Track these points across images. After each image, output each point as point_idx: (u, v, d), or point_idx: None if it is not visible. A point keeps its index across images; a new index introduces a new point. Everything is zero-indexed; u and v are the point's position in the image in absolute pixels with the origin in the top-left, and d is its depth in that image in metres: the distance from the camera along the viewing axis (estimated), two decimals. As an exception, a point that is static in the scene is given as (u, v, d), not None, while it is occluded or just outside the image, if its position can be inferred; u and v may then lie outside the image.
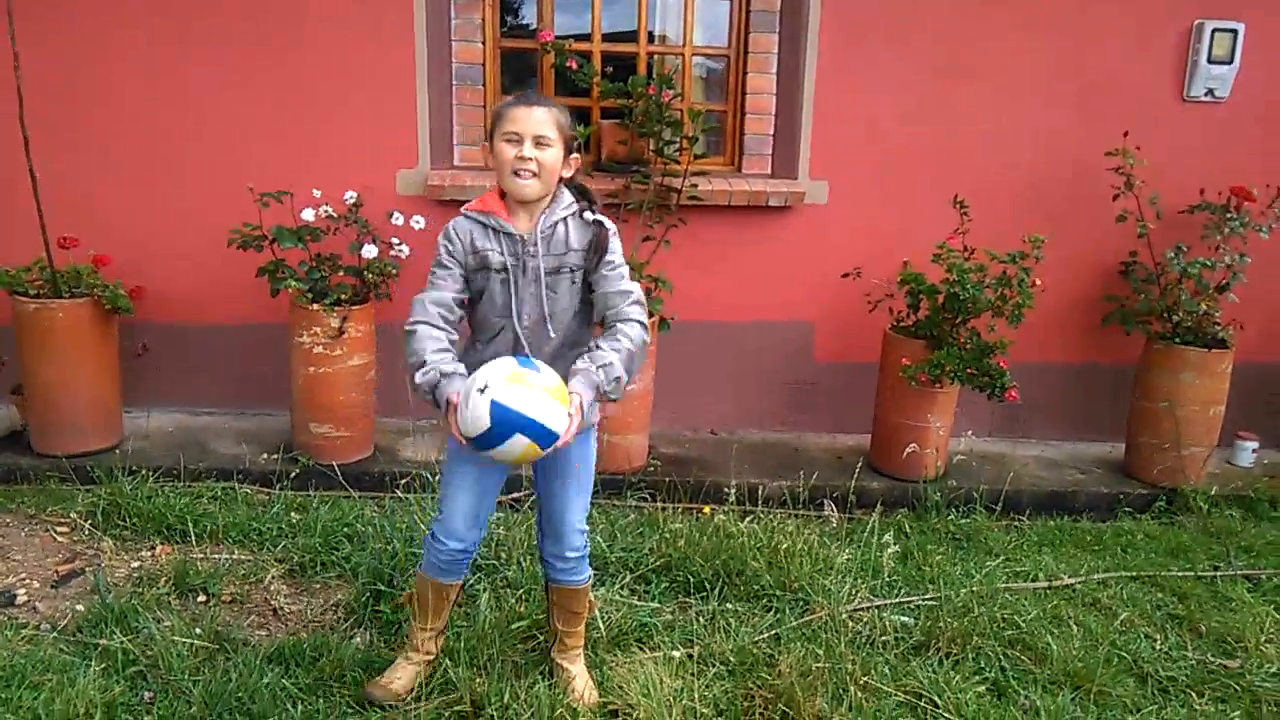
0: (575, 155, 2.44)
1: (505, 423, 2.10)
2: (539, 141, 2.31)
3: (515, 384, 2.12)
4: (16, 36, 3.85)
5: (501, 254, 2.37)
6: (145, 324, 4.42)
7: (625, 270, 2.43)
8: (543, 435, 2.14)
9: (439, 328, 2.36)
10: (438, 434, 4.49)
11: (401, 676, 2.60)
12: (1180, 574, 3.68)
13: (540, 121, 2.31)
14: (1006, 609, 3.19)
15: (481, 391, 2.12)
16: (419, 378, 2.30)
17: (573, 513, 2.54)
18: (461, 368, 2.31)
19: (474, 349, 2.49)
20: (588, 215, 2.42)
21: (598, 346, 2.35)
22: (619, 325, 2.36)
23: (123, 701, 2.43)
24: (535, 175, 2.33)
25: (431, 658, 2.65)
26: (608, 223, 2.43)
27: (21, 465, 4.03)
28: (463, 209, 2.46)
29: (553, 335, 2.40)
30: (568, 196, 2.44)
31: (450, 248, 2.40)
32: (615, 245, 2.42)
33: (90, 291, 4.07)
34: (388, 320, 4.34)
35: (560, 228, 2.40)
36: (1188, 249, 4.50)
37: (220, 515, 3.48)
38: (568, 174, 2.43)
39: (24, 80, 3.86)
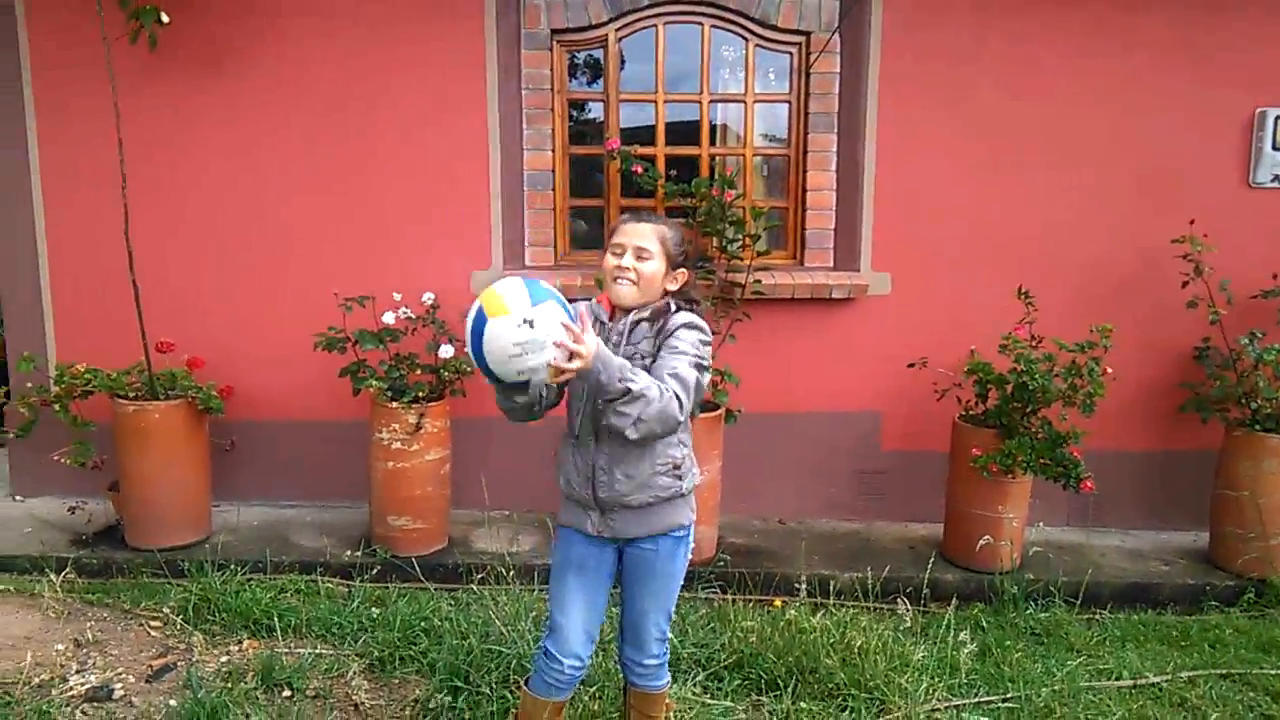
0: (682, 270, 2.50)
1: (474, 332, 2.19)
2: (640, 254, 2.44)
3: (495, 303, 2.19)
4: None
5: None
6: (232, 422, 4.62)
7: (686, 360, 2.38)
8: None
9: None
10: (509, 525, 4.58)
11: None
12: (1273, 671, 3.56)
13: (643, 235, 2.45)
14: (1090, 709, 3.13)
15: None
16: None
17: (655, 620, 2.57)
18: None
19: (563, 441, 2.59)
20: (673, 307, 2.47)
21: None
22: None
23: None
24: (633, 283, 2.44)
25: None
26: (686, 316, 2.46)
27: (117, 559, 4.21)
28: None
29: (635, 449, 2.42)
30: (672, 304, 2.49)
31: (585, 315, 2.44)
32: (684, 334, 2.41)
33: (185, 393, 4.29)
34: (462, 415, 4.50)
35: (645, 324, 2.45)
36: (1263, 334, 4.45)
37: (303, 609, 3.59)
38: (673, 287, 2.49)
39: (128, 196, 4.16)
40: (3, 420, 4.82)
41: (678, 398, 2.30)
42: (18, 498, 4.87)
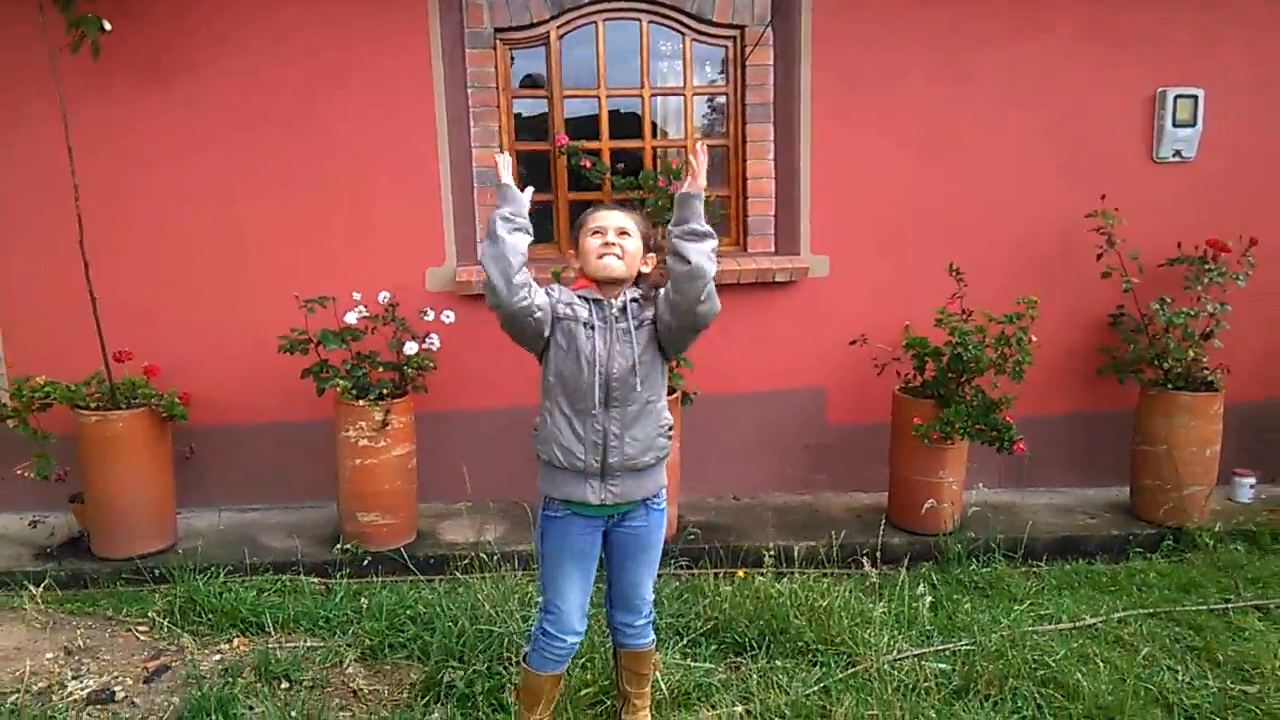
0: (652, 254, 2.72)
1: None
2: (621, 232, 2.64)
3: None
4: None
5: (589, 314, 2.61)
6: (191, 428, 4.64)
7: None
8: None
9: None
10: (474, 516, 4.71)
11: None
12: (1194, 608, 3.90)
13: (620, 218, 2.67)
14: (1036, 650, 3.41)
15: None
16: (499, 222, 2.58)
17: (645, 584, 2.77)
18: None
19: (552, 416, 2.62)
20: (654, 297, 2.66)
21: None
22: None
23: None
24: (619, 257, 2.61)
25: None
26: None
27: (85, 570, 4.22)
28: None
29: (638, 387, 2.59)
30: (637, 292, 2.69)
31: (551, 293, 2.63)
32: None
33: (147, 401, 4.31)
34: (426, 410, 4.61)
35: (636, 305, 2.66)
36: (1171, 300, 4.80)
37: (289, 605, 3.67)
38: (645, 270, 2.70)
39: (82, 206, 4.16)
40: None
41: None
42: (-29, 515, 4.81)
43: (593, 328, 2.60)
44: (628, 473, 2.61)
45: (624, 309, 2.64)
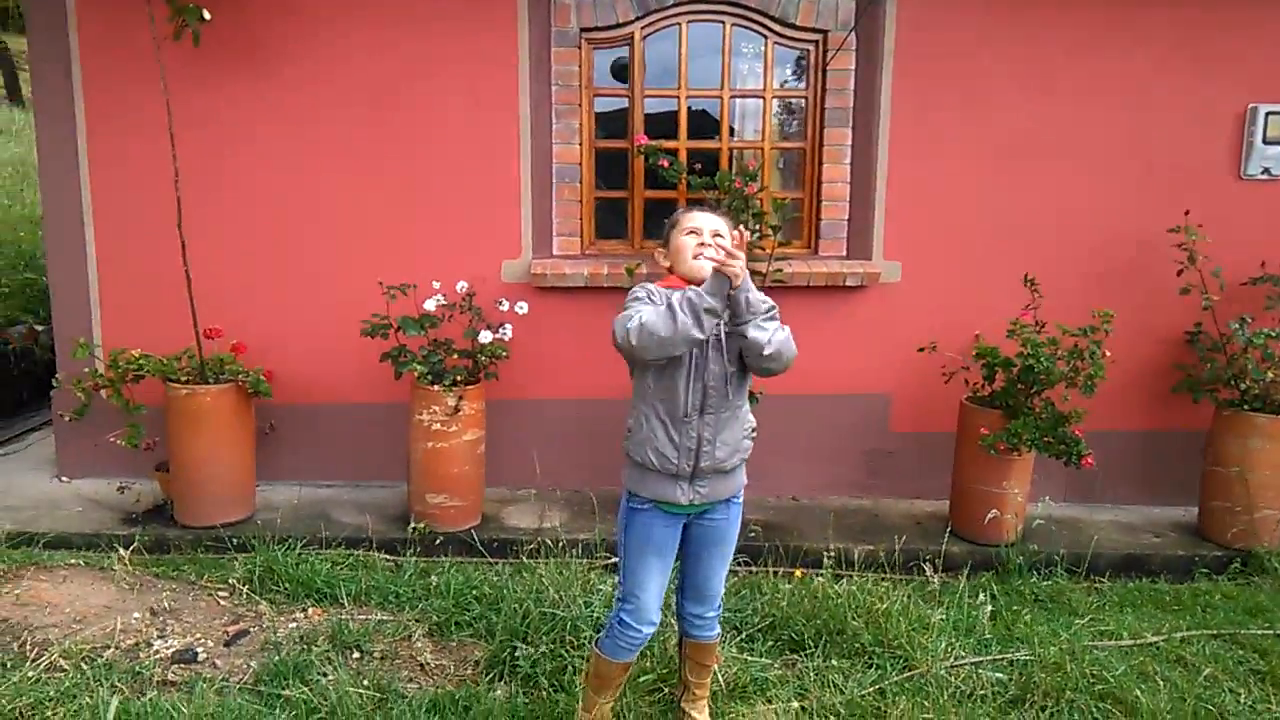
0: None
1: None
2: (715, 234, 2.68)
3: None
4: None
5: None
6: (274, 405, 4.82)
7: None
8: None
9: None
10: (537, 503, 4.82)
11: None
12: (1260, 632, 3.85)
13: (716, 221, 2.72)
14: (1095, 665, 3.40)
15: None
16: (686, 305, 2.49)
17: (719, 576, 2.84)
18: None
19: (648, 420, 2.67)
20: None
21: None
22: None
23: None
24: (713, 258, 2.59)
25: None
26: (766, 299, 2.67)
27: (169, 536, 4.42)
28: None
29: (726, 395, 2.66)
30: None
31: (653, 296, 2.64)
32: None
33: (234, 377, 4.49)
34: (496, 398, 4.73)
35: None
36: (1252, 319, 4.72)
37: (360, 579, 3.82)
38: None
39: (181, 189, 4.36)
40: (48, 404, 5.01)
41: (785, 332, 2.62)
42: (64, 479, 5.06)
43: (718, 315, 2.58)
44: (716, 474, 2.69)
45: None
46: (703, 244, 2.67)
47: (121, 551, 3.89)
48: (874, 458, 5.23)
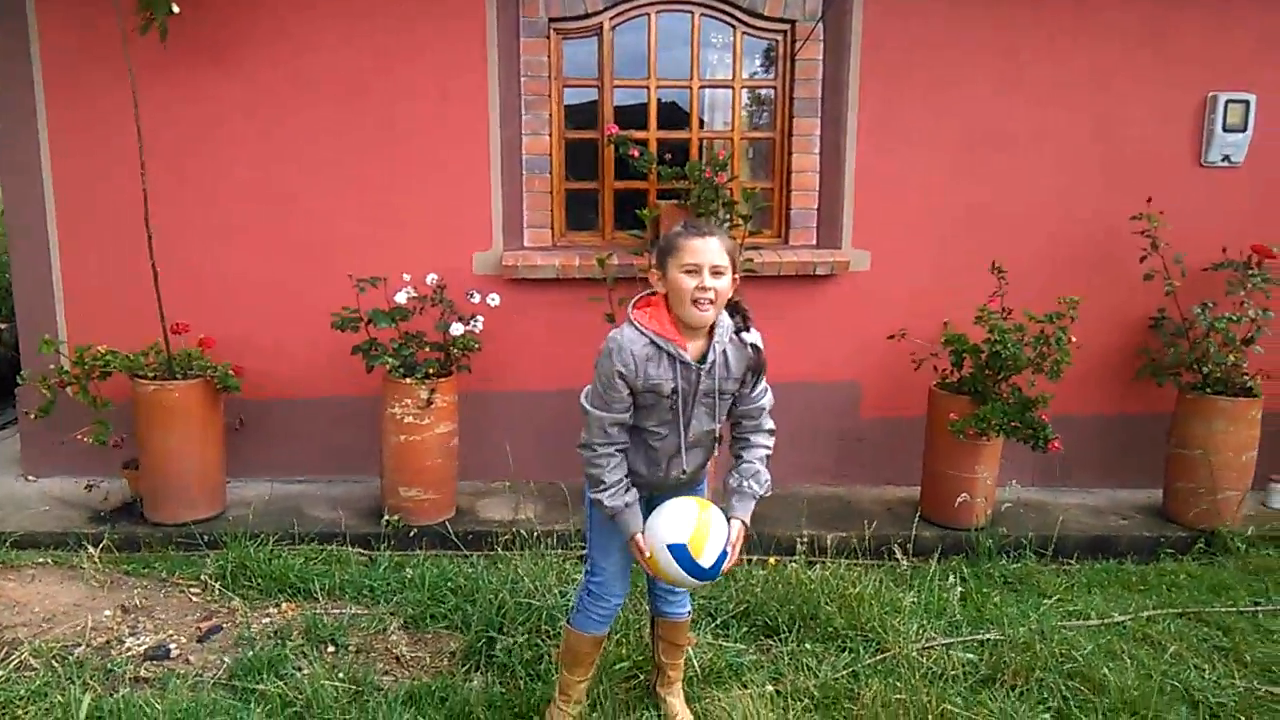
0: (736, 275, 2.54)
1: (691, 571, 2.56)
2: (715, 271, 2.46)
3: (699, 541, 2.54)
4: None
5: (674, 380, 2.54)
6: (243, 400, 4.78)
7: (767, 386, 2.72)
8: (712, 576, 2.61)
9: (617, 447, 2.60)
10: (512, 495, 4.82)
11: None
12: (1223, 609, 3.93)
13: (716, 252, 2.47)
14: (1064, 645, 3.45)
15: (671, 548, 2.54)
16: (606, 501, 2.59)
17: None
18: (635, 495, 2.64)
19: (636, 455, 2.69)
20: (745, 337, 2.62)
21: (742, 458, 2.71)
22: (760, 434, 2.74)
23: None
24: (712, 303, 2.48)
25: (583, 705, 2.92)
26: (760, 343, 2.64)
27: (138, 534, 4.38)
28: (633, 319, 2.55)
29: (709, 441, 2.73)
30: (726, 319, 2.59)
31: (624, 373, 2.50)
32: (763, 370, 2.68)
33: (203, 373, 4.45)
34: (468, 390, 4.72)
35: (724, 354, 2.59)
36: (1213, 305, 4.81)
37: (334, 574, 3.80)
38: (729, 293, 2.56)
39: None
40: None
41: (773, 430, 2.76)
42: (29, 478, 5.00)
43: (676, 392, 2.54)
44: (682, 483, 2.78)
45: (710, 369, 2.57)
46: (701, 288, 2.45)
47: (91, 550, 3.86)
48: (846, 444, 5.27)
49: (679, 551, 2.52)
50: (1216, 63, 5.00)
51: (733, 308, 2.64)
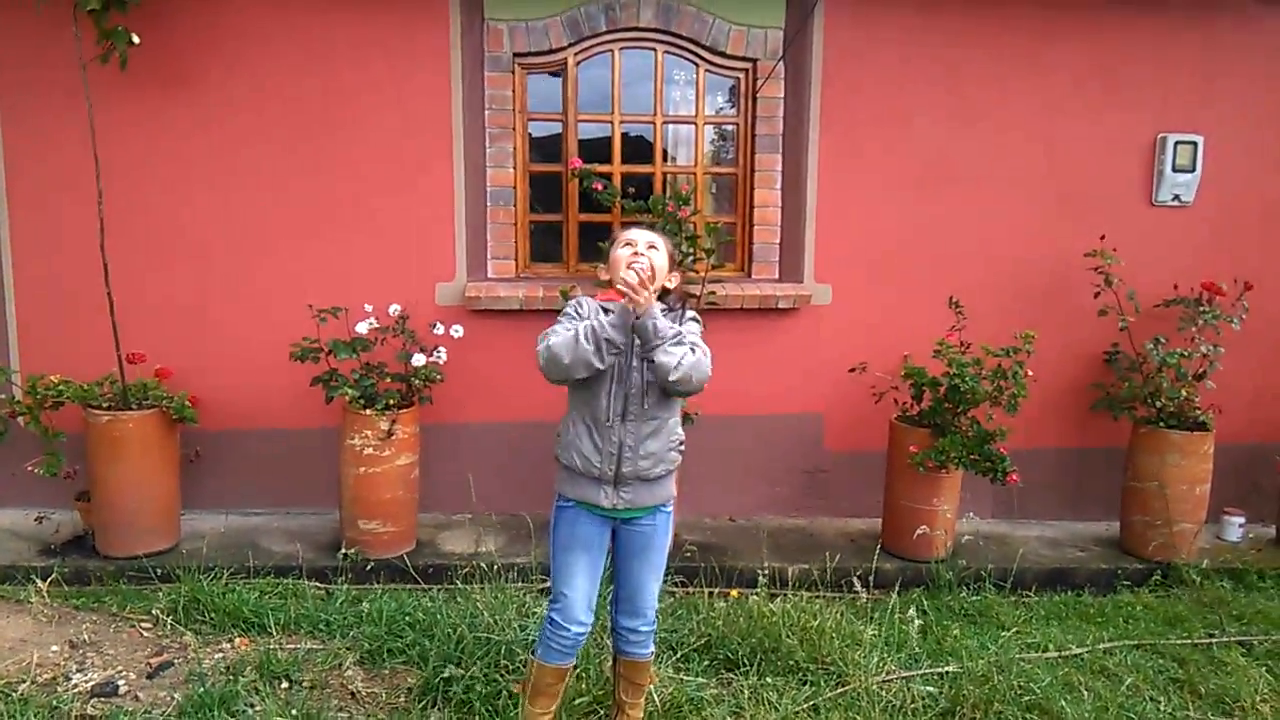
0: (677, 271, 2.92)
1: None
2: (650, 246, 2.83)
3: None
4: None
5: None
6: (199, 431, 4.72)
7: (696, 343, 2.71)
8: None
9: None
10: (472, 527, 4.78)
11: None
12: (1179, 642, 3.97)
13: (649, 235, 2.88)
14: (1022, 677, 3.48)
15: None
16: (582, 336, 2.61)
17: (649, 588, 2.86)
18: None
19: (574, 424, 2.77)
20: (678, 310, 2.84)
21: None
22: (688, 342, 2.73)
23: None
24: (649, 276, 2.65)
25: None
26: (693, 312, 2.87)
27: (89, 567, 4.28)
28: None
29: (647, 405, 2.73)
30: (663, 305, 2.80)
31: (580, 310, 2.79)
32: (692, 325, 2.79)
33: (158, 403, 4.39)
34: (430, 422, 4.69)
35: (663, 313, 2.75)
36: (1166, 340, 4.90)
37: (290, 608, 3.74)
38: (670, 285, 2.87)
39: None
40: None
41: (697, 347, 2.68)
42: (-23, 510, 4.88)
43: (618, 346, 2.69)
44: (639, 482, 2.76)
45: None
46: (636, 254, 2.78)
47: (39, 583, 3.77)
48: (808, 476, 5.29)
49: None
50: (1166, 103, 5.14)
51: (680, 300, 2.89)
